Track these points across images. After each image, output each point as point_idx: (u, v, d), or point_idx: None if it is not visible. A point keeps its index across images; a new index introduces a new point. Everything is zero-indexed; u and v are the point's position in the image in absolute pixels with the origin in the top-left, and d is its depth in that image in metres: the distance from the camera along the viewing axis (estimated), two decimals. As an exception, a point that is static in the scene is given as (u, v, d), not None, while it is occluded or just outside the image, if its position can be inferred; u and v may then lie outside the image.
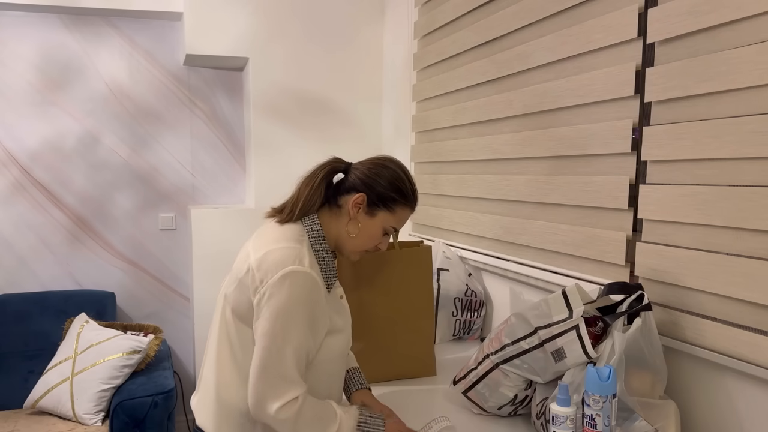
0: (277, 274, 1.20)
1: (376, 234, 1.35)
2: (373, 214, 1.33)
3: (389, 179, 1.32)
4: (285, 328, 1.20)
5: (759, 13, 1.12)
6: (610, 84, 1.50)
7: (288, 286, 1.20)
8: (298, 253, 1.24)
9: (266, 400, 1.19)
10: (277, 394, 1.19)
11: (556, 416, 1.13)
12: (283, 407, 1.18)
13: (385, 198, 1.32)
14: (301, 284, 1.21)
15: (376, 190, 1.32)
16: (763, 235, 1.14)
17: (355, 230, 1.33)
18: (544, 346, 1.29)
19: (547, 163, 1.78)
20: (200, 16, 2.80)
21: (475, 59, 2.15)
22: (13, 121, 2.90)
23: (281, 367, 1.20)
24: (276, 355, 1.20)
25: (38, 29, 2.90)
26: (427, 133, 2.55)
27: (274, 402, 1.19)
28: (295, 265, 1.21)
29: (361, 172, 1.33)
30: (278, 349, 1.20)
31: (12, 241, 2.94)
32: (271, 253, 1.24)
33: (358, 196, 1.31)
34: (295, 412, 1.19)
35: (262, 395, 1.20)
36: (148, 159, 3.10)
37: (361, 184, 1.32)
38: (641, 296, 1.26)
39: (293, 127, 2.97)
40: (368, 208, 1.32)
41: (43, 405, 2.43)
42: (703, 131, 1.24)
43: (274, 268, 1.21)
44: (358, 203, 1.31)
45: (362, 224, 1.33)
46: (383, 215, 1.33)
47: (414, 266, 1.74)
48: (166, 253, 3.17)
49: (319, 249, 1.31)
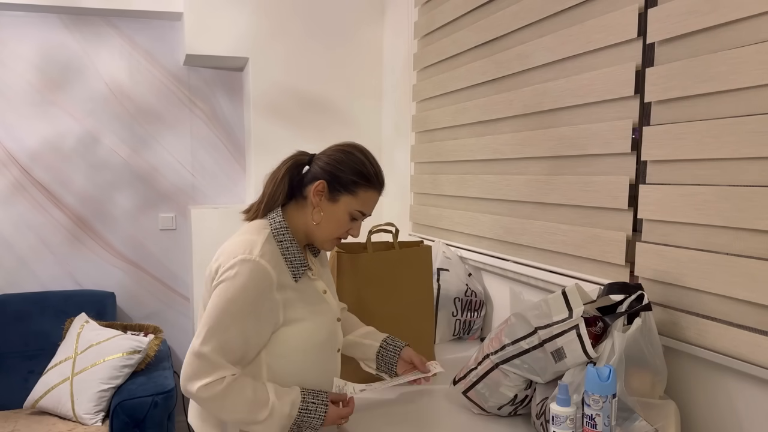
0: (227, 264, 1.26)
1: (343, 219, 1.36)
2: (336, 199, 1.34)
3: (348, 163, 1.34)
4: (223, 314, 1.24)
5: (759, 13, 1.12)
6: (610, 84, 1.50)
7: (234, 275, 1.25)
8: (250, 243, 1.29)
9: (191, 377, 1.24)
10: (201, 373, 1.23)
11: (556, 416, 1.13)
12: (205, 386, 1.22)
13: (345, 182, 1.34)
14: (246, 273, 1.25)
15: (336, 176, 1.34)
16: (763, 235, 1.14)
17: (318, 217, 1.35)
18: (544, 346, 1.29)
19: (547, 163, 1.77)
20: (200, 16, 2.80)
21: (475, 59, 2.15)
22: (13, 121, 2.90)
23: (209, 349, 1.23)
24: (209, 336, 1.24)
25: (38, 29, 2.90)
26: (427, 133, 2.55)
27: (198, 381, 1.23)
28: (245, 254, 1.26)
29: (323, 161, 1.36)
30: (212, 331, 1.24)
31: (12, 241, 2.94)
32: (227, 246, 1.32)
33: (318, 183, 1.34)
34: (218, 393, 1.22)
35: (188, 372, 1.24)
36: (148, 159, 3.10)
37: (321, 172, 1.35)
38: (641, 296, 1.26)
39: (293, 127, 2.97)
40: (330, 194, 1.34)
41: (43, 405, 2.43)
42: (703, 131, 1.24)
43: (226, 259, 1.28)
44: (319, 191, 1.34)
45: (325, 211, 1.35)
46: (346, 199, 1.34)
47: (414, 266, 1.74)
48: (166, 253, 3.17)
49: (281, 240, 1.34)
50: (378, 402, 1.57)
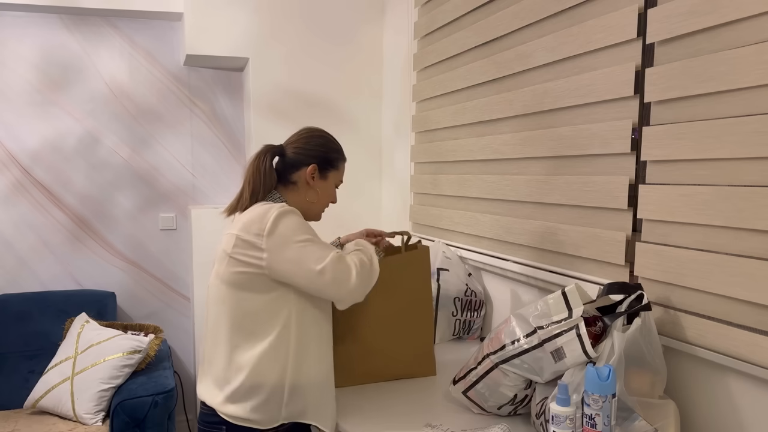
0: (268, 222, 1.35)
1: (331, 191, 1.56)
2: (325, 176, 1.53)
3: (325, 143, 1.53)
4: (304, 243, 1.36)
5: (759, 13, 1.12)
6: (610, 84, 1.50)
7: (283, 220, 1.36)
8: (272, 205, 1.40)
9: (344, 284, 1.37)
10: (343, 275, 1.37)
11: (555, 416, 1.13)
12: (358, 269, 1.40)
13: (331, 160, 1.53)
14: (288, 219, 1.37)
15: (322, 157, 1.51)
16: (763, 235, 1.14)
17: (314, 196, 1.52)
18: (543, 345, 1.29)
19: (547, 163, 1.78)
20: (200, 16, 2.80)
21: (475, 59, 2.15)
22: (13, 121, 2.90)
23: (328, 261, 1.36)
24: (315, 260, 1.35)
25: (38, 29, 2.90)
26: (427, 133, 2.55)
27: (350, 277, 1.38)
28: (277, 208, 1.37)
29: (300, 148, 1.51)
30: (313, 255, 1.35)
31: (12, 241, 2.94)
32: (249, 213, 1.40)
33: (311, 167, 1.49)
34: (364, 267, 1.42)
35: (341, 288, 1.37)
36: (148, 159, 3.10)
37: (307, 158, 1.50)
38: (641, 296, 1.26)
39: (293, 127, 2.95)
40: (320, 173, 1.52)
41: (44, 405, 2.43)
42: (703, 131, 1.24)
43: (261, 220, 1.36)
44: (311, 174, 1.50)
45: (320, 188, 1.53)
46: (333, 174, 1.55)
47: (413, 267, 1.74)
48: (166, 253, 3.17)
49: None
50: (377, 402, 1.57)
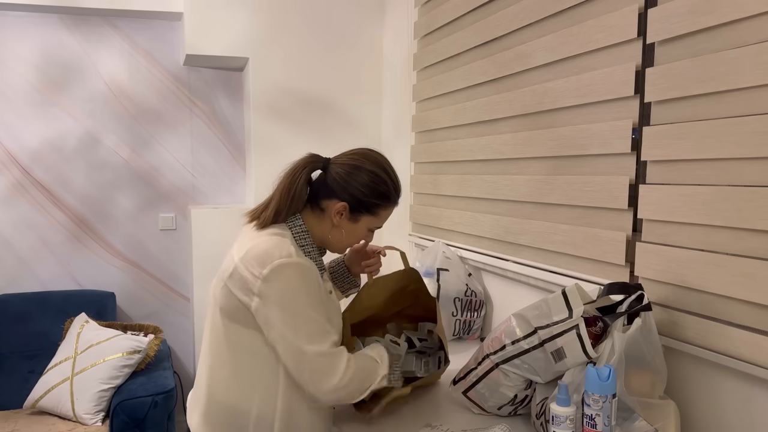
0: (266, 270, 1.20)
1: (361, 235, 1.37)
2: (357, 219, 1.34)
3: (370, 185, 1.31)
4: (299, 316, 1.20)
5: (759, 13, 1.12)
6: (610, 84, 1.50)
7: (282, 279, 1.20)
8: (279, 245, 1.23)
9: (324, 378, 1.21)
10: (330, 369, 1.21)
11: (556, 416, 1.13)
12: (346, 370, 1.22)
13: (368, 205, 1.32)
14: (292, 273, 1.21)
15: (358, 198, 1.31)
16: (763, 235, 1.14)
17: (338, 235, 1.35)
18: (544, 346, 1.29)
19: (546, 163, 1.77)
20: (200, 16, 2.80)
21: (475, 59, 2.15)
22: (13, 122, 2.90)
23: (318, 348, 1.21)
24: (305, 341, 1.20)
25: (38, 29, 2.90)
26: (427, 133, 2.55)
27: (334, 375, 1.21)
28: (281, 258, 1.21)
29: (340, 175, 1.31)
30: (304, 336, 1.20)
31: (12, 241, 2.94)
32: (253, 248, 1.24)
33: (340, 205, 1.31)
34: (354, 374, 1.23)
35: (319, 377, 1.21)
36: (148, 159, 3.10)
37: (341, 190, 1.31)
38: (641, 296, 1.26)
39: (293, 127, 2.97)
40: (351, 214, 1.33)
41: (43, 405, 2.43)
42: (703, 131, 1.24)
43: (261, 264, 1.21)
44: (339, 212, 1.32)
45: (346, 230, 1.34)
46: (366, 219, 1.34)
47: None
48: (166, 253, 3.17)
49: (303, 244, 1.31)
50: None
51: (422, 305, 1.72)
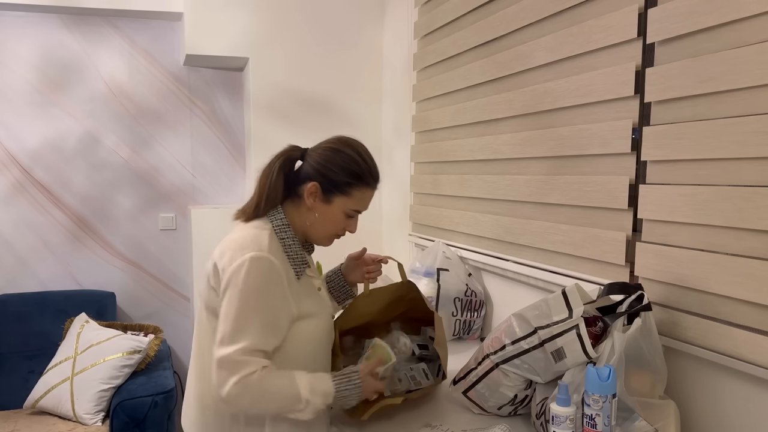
0: (236, 261, 1.23)
1: (338, 219, 1.35)
2: (330, 200, 1.33)
3: (341, 164, 1.31)
4: (243, 313, 1.22)
5: (759, 13, 1.12)
6: (610, 84, 1.50)
7: (246, 272, 1.22)
8: (256, 238, 1.26)
9: (219, 383, 1.20)
10: (226, 377, 1.20)
11: (556, 416, 1.13)
12: (236, 383, 1.19)
13: (338, 183, 1.32)
14: (258, 268, 1.22)
15: (329, 177, 1.31)
16: (763, 235, 1.14)
17: (312, 218, 1.34)
18: (544, 346, 1.29)
19: (547, 163, 1.77)
20: (200, 16, 2.80)
21: (475, 59, 2.15)
22: (13, 122, 2.90)
23: (234, 350, 1.20)
24: (233, 337, 1.21)
25: (38, 29, 2.90)
26: (427, 133, 2.55)
27: (229, 380, 1.19)
28: (253, 251, 1.23)
29: (315, 159, 1.33)
30: (235, 331, 1.21)
31: (12, 241, 2.94)
32: (231, 242, 1.28)
33: (311, 185, 1.32)
34: (250, 391, 1.19)
35: (217, 377, 1.21)
36: (148, 159, 3.10)
37: (314, 172, 1.32)
38: (641, 296, 1.26)
39: (293, 127, 2.97)
40: (323, 195, 1.33)
41: (43, 405, 2.43)
42: (703, 131, 1.24)
43: (234, 255, 1.24)
44: (312, 192, 1.32)
45: (319, 212, 1.34)
46: (340, 200, 1.33)
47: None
48: (166, 253, 3.17)
49: (284, 237, 1.32)
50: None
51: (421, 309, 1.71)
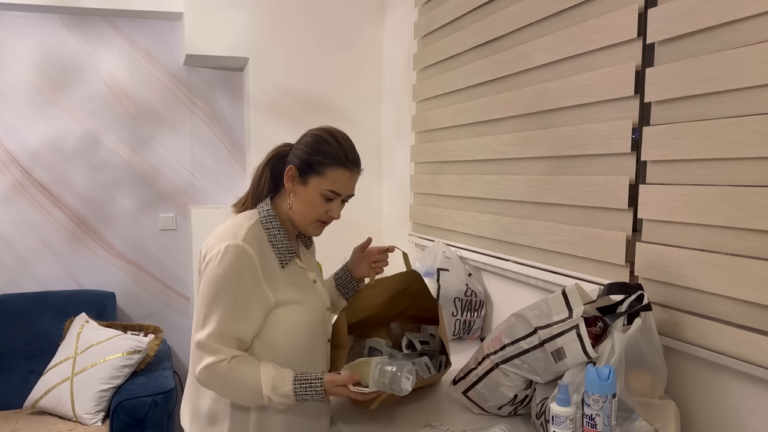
0: (214, 250, 1.29)
1: (316, 201, 1.35)
2: (306, 182, 1.35)
3: (315, 145, 1.35)
4: (212, 299, 1.27)
5: (759, 13, 1.12)
6: (610, 84, 1.50)
7: (220, 260, 1.27)
8: (235, 227, 1.32)
9: (192, 365, 1.29)
10: (197, 359, 1.27)
11: (556, 416, 1.13)
12: (205, 368, 1.26)
13: (311, 163, 1.34)
14: (231, 257, 1.27)
15: (303, 159, 1.35)
16: (763, 235, 1.14)
17: (293, 203, 1.37)
18: (544, 346, 1.29)
19: (547, 163, 1.77)
20: (200, 16, 2.80)
21: (475, 59, 2.15)
22: (13, 122, 2.90)
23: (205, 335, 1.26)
24: (203, 323, 1.27)
25: (38, 29, 2.90)
26: (427, 133, 2.55)
27: (196, 366, 1.28)
28: (229, 240, 1.28)
29: (295, 147, 1.40)
30: (205, 318, 1.27)
31: (12, 241, 2.94)
32: (215, 231, 1.35)
33: (288, 168, 1.36)
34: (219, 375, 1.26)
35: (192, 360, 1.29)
36: (148, 159, 3.10)
37: (293, 157, 1.38)
38: (641, 296, 1.26)
39: (293, 127, 2.96)
40: (300, 177, 1.35)
41: (43, 405, 2.43)
42: (703, 131, 1.24)
43: (214, 245, 1.30)
44: (291, 176, 1.36)
45: (297, 194, 1.36)
46: (315, 180, 1.34)
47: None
48: (166, 253, 3.17)
49: (269, 227, 1.37)
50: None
51: (423, 306, 1.71)
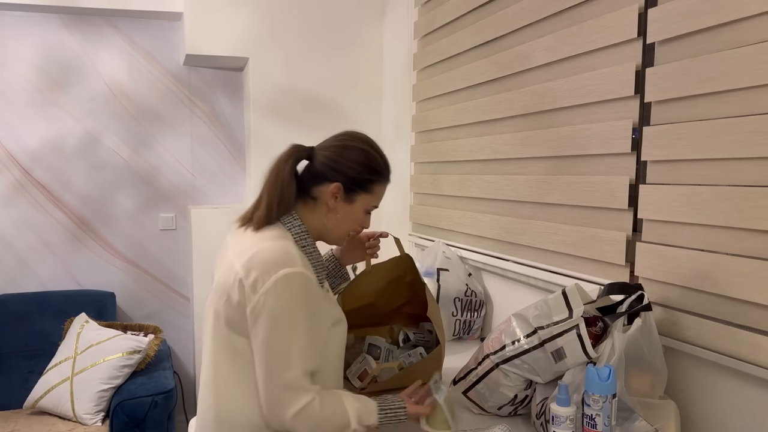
0: (270, 280, 1.15)
1: (358, 216, 1.32)
2: (352, 200, 1.29)
3: (361, 161, 1.28)
4: (287, 335, 1.15)
5: (759, 13, 1.12)
6: (610, 84, 1.50)
7: (283, 291, 1.15)
8: (286, 252, 1.18)
9: (280, 409, 1.16)
10: (288, 403, 1.15)
11: (556, 416, 1.13)
12: (297, 414, 1.15)
13: (361, 182, 1.28)
14: (297, 286, 1.16)
15: (350, 176, 1.27)
16: (763, 235, 1.14)
17: (334, 220, 1.29)
18: (544, 346, 1.29)
19: (547, 163, 1.78)
20: (200, 16, 2.80)
21: (475, 59, 2.15)
22: (13, 122, 2.90)
23: (288, 375, 1.15)
24: (280, 363, 1.15)
25: (38, 29, 2.90)
26: (427, 133, 2.55)
27: (288, 410, 1.15)
28: (287, 267, 1.16)
29: (328, 158, 1.28)
30: (282, 357, 1.15)
31: (12, 241, 2.94)
32: (258, 254, 1.18)
33: (334, 186, 1.26)
34: (311, 419, 1.16)
35: (275, 405, 1.16)
36: (148, 159, 3.10)
37: (332, 172, 1.27)
38: (641, 296, 1.26)
39: (293, 127, 2.97)
40: (346, 195, 1.28)
41: (43, 405, 2.43)
42: (703, 131, 1.24)
43: (265, 272, 1.16)
44: (334, 193, 1.27)
45: (342, 212, 1.29)
46: (362, 198, 1.30)
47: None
48: (166, 253, 3.17)
49: (304, 244, 1.27)
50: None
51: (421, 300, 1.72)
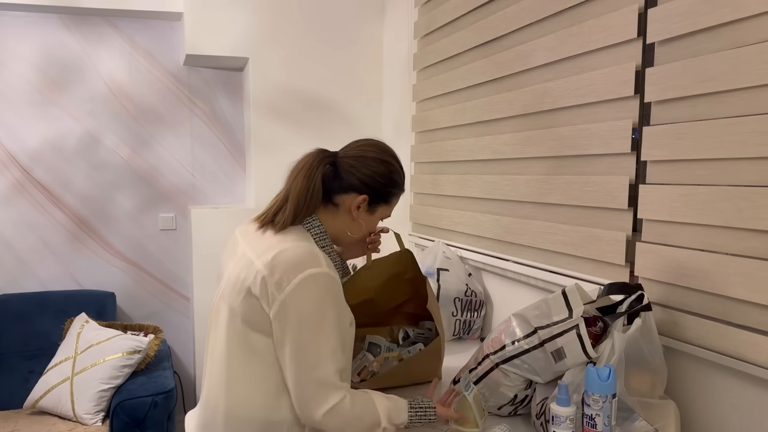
0: (296, 279, 1.16)
1: (375, 224, 1.38)
2: (374, 210, 1.34)
3: (385, 174, 1.31)
4: (316, 334, 1.17)
5: (759, 13, 1.12)
6: (610, 84, 1.50)
7: (310, 290, 1.16)
8: (312, 253, 1.20)
9: (312, 407, 1.17)
10: (320, 401, 1.17)
11: (556, 416, 1.13)
12: (329, 412, 1.17)
13: (385, 195, 1.32)
14: (323, 286, 1.18)
15: (378, 190, 1.30)
16: (763, 235, 1.14)
17: (357, 230, 1.33)
18: (544, 346, 1.29)
19: (547, 163, 1.78)
20: (200, 16, 2.80)
21: (475, 59, 2.15)
22: (13, 122, 2.90)
23: (319, 373, 1.17)
24: (311, 362, 1.17)
25: (38, 29, 2.90)
26: (427, 133, 2.55)
27: (319, 408, 1.17)
28: (313, 267, 1.17)
29: (356, 168, 1.29)
30: (313, 355, 1.17)
31: (12, 241, 2.94)
32: (282, 254, 1.19)
33: (361, 198, 1.29)
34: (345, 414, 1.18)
35: (307, 403, 1.18)
36: (148, 159, 3.10)
37: (360, 185, 1.29)
38: (641, 296, 1.26)
39: (293, 126, 2.97)
40: (369, 206, 1.32)
41: (43, 405, 2.43)
42: (703, 131, 1.24)
43: (291, 271, 1.17)
44: (359, 205, 1.30)
45: (363, 221, 1.33)
46: (382, 208, 1.35)
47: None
48: (166, 253, 3.17)
49: (324, 245, 1.30)
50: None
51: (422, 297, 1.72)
